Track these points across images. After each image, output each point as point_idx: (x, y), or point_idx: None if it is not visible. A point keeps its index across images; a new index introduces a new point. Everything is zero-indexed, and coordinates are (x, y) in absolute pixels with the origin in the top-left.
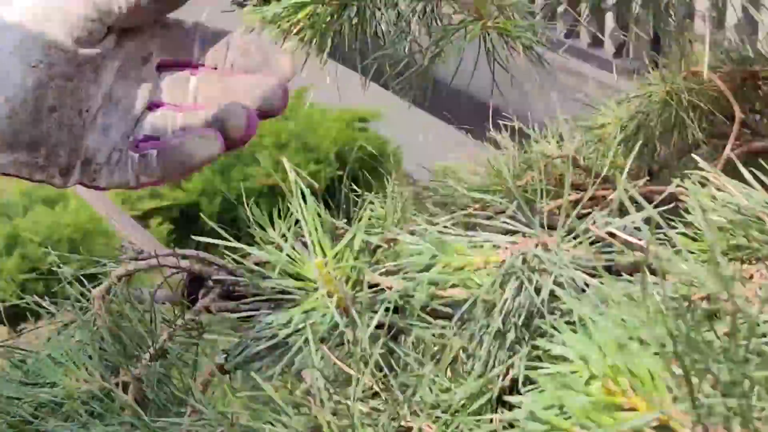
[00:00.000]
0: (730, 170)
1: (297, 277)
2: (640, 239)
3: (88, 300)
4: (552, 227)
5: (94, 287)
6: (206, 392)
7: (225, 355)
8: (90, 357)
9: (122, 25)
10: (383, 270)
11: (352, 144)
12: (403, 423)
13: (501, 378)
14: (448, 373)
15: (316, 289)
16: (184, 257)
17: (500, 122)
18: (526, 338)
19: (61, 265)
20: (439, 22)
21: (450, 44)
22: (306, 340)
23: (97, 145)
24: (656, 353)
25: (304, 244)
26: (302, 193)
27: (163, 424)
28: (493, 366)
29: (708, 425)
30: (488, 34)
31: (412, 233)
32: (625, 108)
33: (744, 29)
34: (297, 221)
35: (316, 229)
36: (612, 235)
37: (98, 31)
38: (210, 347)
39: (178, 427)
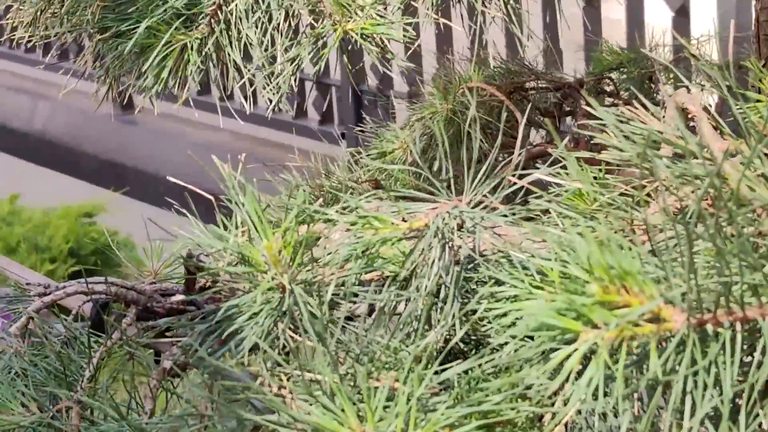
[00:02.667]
0: None
1: (247, 263)
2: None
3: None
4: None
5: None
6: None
7: (181, 354)
8: (21, 392)
9: None
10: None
11: (82, 239)
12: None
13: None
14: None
15: (265, 272)
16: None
17: None
18: (457, 295)
19: None
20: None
21: (315, 50)
22: (265, 319)
23: None
24: (634, 256)
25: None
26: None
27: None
28: (432, 325)
29: (691, 312)
30: (343, 40)
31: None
32: (408, 132)
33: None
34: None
35: (259, 218)
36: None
37: None
38: (145, 360)
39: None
